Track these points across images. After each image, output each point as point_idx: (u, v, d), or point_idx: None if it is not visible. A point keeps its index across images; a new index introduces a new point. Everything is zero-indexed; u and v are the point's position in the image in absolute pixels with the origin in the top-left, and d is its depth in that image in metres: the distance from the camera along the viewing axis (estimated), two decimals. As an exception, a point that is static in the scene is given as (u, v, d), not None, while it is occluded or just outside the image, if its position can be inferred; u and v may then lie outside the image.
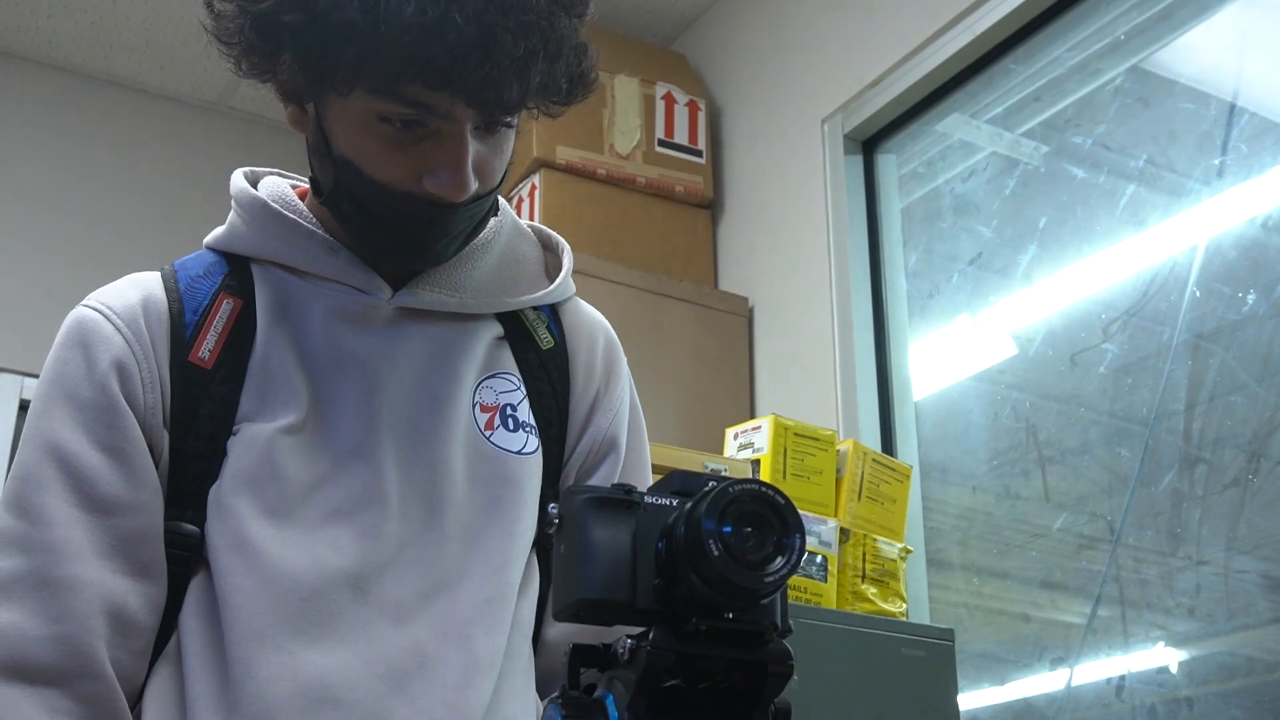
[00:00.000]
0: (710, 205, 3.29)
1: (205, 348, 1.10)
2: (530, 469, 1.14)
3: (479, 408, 1.13)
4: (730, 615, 0.75)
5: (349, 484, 1.07)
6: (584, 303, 1.26)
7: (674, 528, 0.75)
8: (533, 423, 1.16)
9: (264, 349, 1.10)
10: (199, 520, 1.06)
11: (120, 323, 1.09)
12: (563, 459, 1.19)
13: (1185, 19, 2.42)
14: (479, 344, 1.16)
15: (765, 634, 0.76)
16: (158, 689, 1.04)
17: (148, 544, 1.05)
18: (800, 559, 0.73)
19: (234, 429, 1.08)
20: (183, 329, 1.10)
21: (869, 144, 2.98)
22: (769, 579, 0.72)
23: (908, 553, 2.28)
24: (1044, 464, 2.48)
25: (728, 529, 0.72)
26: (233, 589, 1.03)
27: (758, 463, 2.22)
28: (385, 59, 0.97)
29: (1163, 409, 2.25)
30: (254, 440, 1.06)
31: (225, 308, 1.12)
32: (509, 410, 1.15)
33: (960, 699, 2.08)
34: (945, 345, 2.77)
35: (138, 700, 1.04)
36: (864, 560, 2.18)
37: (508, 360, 1.18)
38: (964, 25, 2.64)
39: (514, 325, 1.19)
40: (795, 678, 0.77)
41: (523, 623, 1.12)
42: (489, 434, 1.13)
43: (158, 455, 1.07)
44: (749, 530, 0.73)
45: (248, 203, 1.16)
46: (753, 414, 2.98)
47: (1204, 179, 2.31)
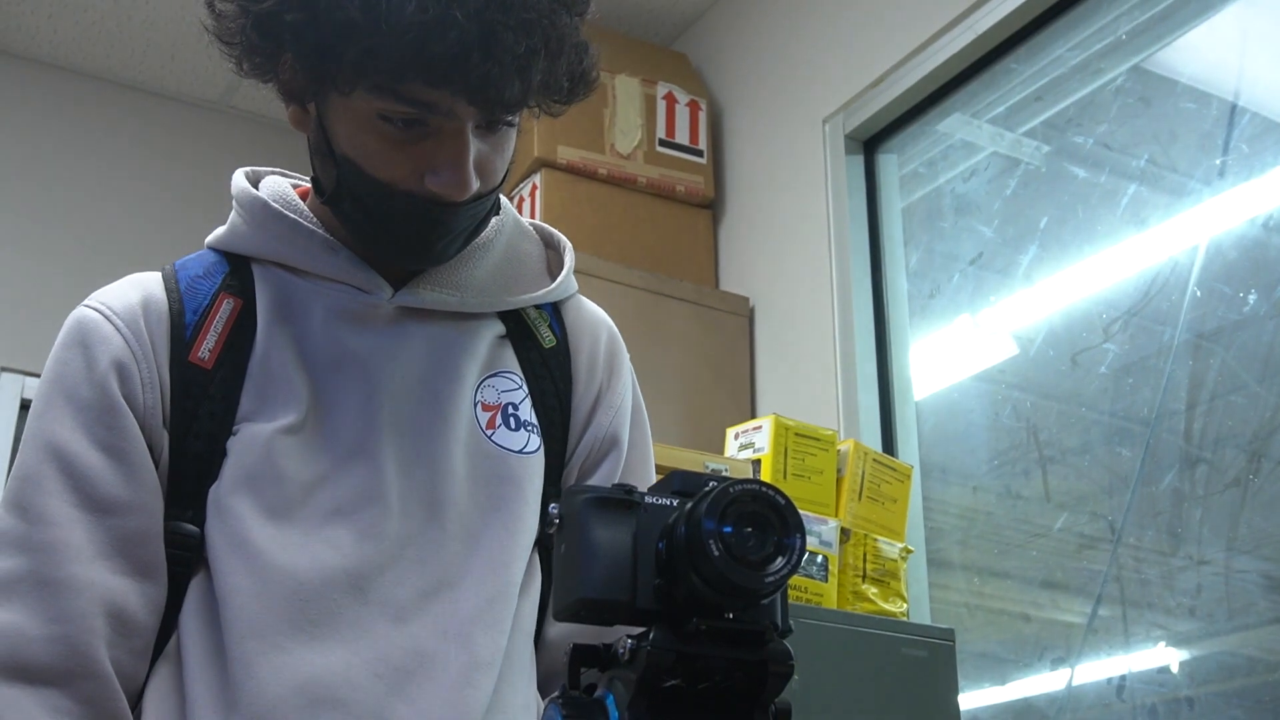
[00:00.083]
0: (711, 205, 3.28)
1: (205, 348, 1.10)
2: (532, 468, 1.13)
3: (480, 406, 1.13)
4: (730, 615, 0.75)
5: (349, 483, 1.07)
6: (586, 300, 1.26)
7: (674, 528, 0.75)
8: (535, 422, 1.15)
9: (264, 349, 1.10)
10: (199, 520, 1.06)
11: (120, 323, 1.09)
12: (565, 458, 1.19)
13: (1186, 19, 2.42)
14: (481, 343, 1.16)
15: (765, 634, 0.76)
16: (158, 689, 1.04)
17: (147, 544, 1.05)
18: (801, 559, 0.73)
19: (234, 429, 1.08)
20: (183, 329, 1.10)
21: (870, 144, 2.98)
22: (769, 579, 0.72)
23: (908, 553, 2.28)
24: (1045, 464, 2.47)
25: (728, 529, 0.72)
26: (233, 589, 1.03)
27: (758, 463, 2.21)
28: (386, 57, 0.97)
29: (1163, 409, 2.25)
30: (254, 440, 1.06)
31: (225, 307, 1.12)
32: (511, 409, 1.15)
33: (961, 699, 2.08)
34: (946, 345, 2.77)
35: (138, 700, 1.04)
36: (865, 560, 2.18)
37: (510, 359, 1.17)
38: (965, 25, 2.64)
39: (516, 324, 1.19)
40: (796, 678, 0.77)
41: (524, 622, 1.12)
42: (490, 433, 1.12)
43: (157, 455, 1.07)
44: (749, 530, 0.73)
45: (248, 202, 1.16)
46: (753, 414, 2.98)
47: (1205, 179, 2.31)
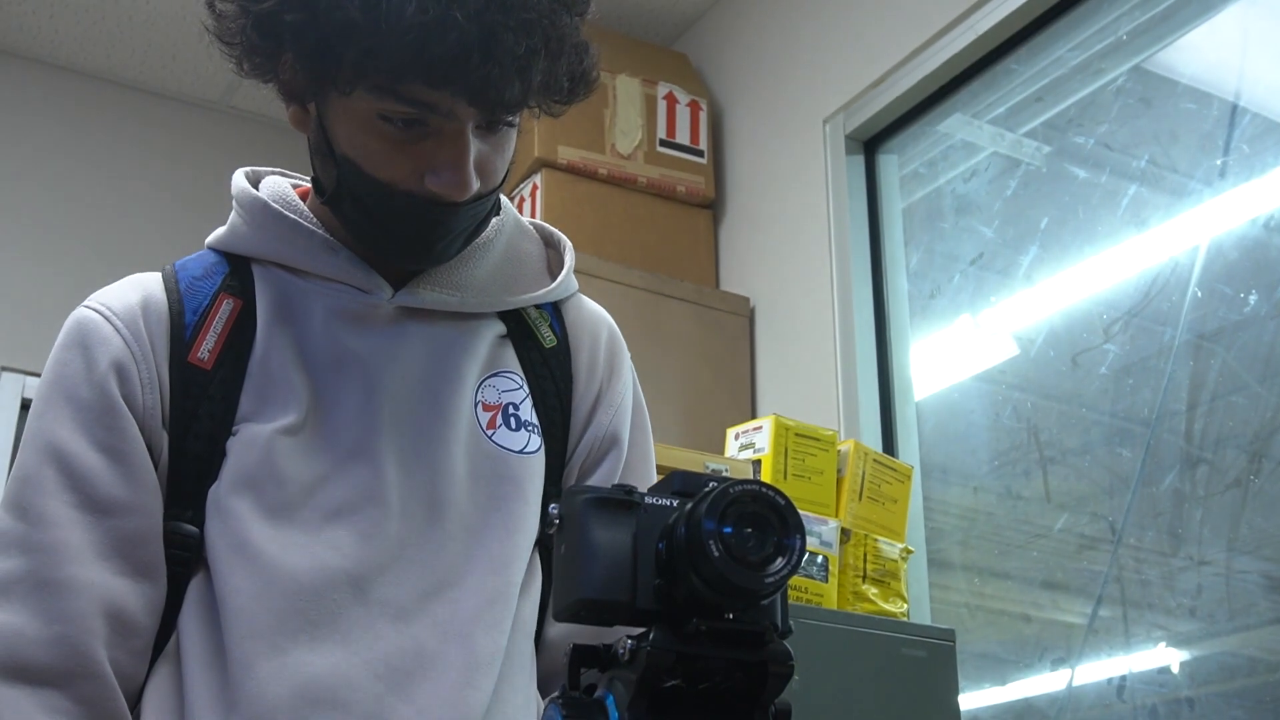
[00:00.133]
0: (711, 205, 3.28)
1: (205, 348, 1.10)
2: (532, 468, 1.13)
3: (481, 406, 1.13)
4: (730, 616, 0.75)
5: (349, 484, 1.07)
6: (586, 299, 1.26)
7: (674, 528, 0.75)
8: (535, 422, 1.15)
9: (264, 349, 1.10)
10: (198, 521, 1.06)
11: (120, 323, 1.09)
12: (565, 458, 1.18)
13: (1187, 19, 2.42)
14: (481, 343, 1.16)
15: (765, 634, 0.76)
16: (157, 689, 1.04)
17: (147, 545, 1.05)
18: (801, 560, 0.73)
19: (233, 429, 1.08)
20: (182, 329, 1.10)
21: (870, 144, 2.98)
22: (769, 579, 0.72)
23: (909, 553, 2.28)
24: (1045, 464, 2.47)
25: (728, 529, 0.72)
26: (233, 590, 1.02)
27: (759, 463, 2.21)
28: (387, 58, 0.97)
29: (1164, 409, 2.25)
30: (253, 441, 1.06)
31: (225, 308, 1.12)
32: (511, 409, 1.14)
33: (961, 699, 2.08)
34: (946, 345, 2.77)
35: (137, 700, 1.04)
36: (865, 560, 2.18)
37: (510, 359, 1.17)
38: (966, 25, 2.64)
39: (517, 323, 1.19)
40: (796, 678, 0.77)
41: (524, 622, 1.12)
42: (491, 433, 1.12)
43: (157, 456, 1.07)
44: (749, 531, 0.73)
45: (248, 203, 1.16)
46: (754, 414, 2.98)
47: (1206, 179, 2.31)
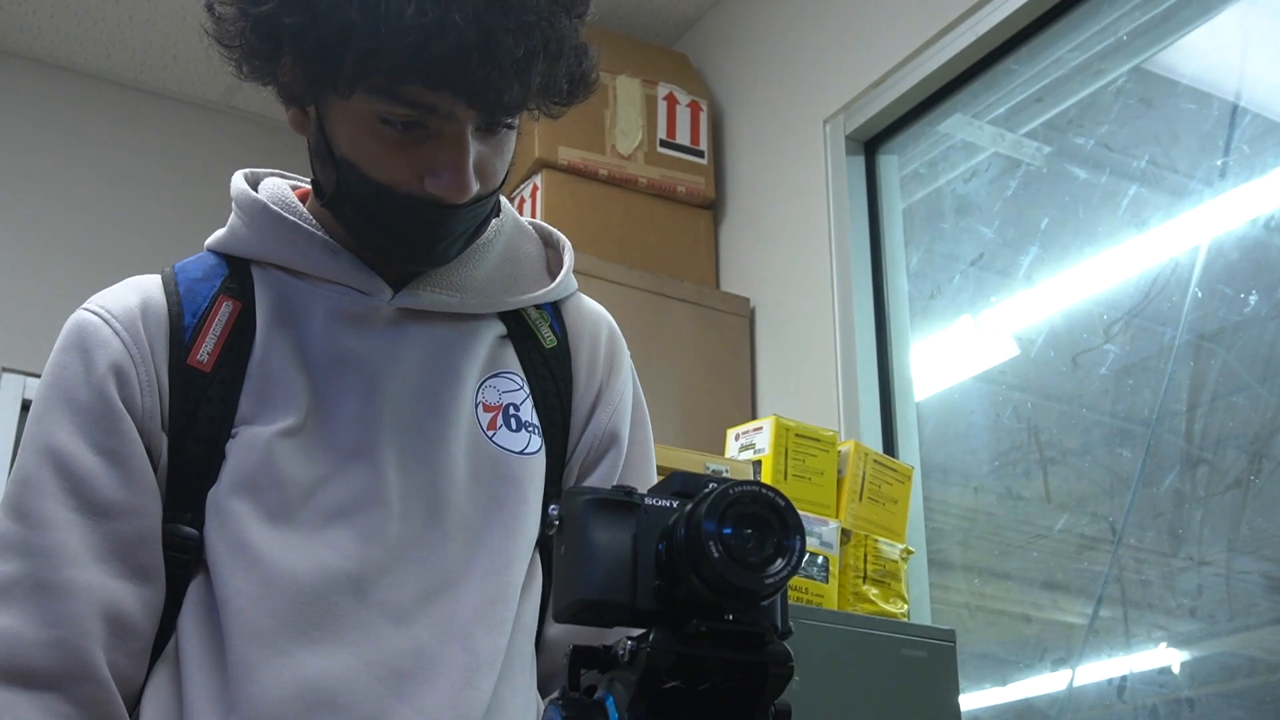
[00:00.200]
0: (712, 206, 3.28)
1: (204, 350, 1.10)
2: (533, 469, 1.13)
3: (482, 407, 1.13)
4: (730, 617, 0.75)
5: (350, 485, 1.07)
6: (585, 298, 1.26)
7: (674, 529, 0.75)
8: (536, 422, 1.15)
9: (263, 351, 1.10)
10: (198, 523, 1.06)
11: (119, 326, 1.09)
12: (565, 458, 1.18)
13: (1188, 19, 2.42)
14: (481, 343, 1.16)
15: (765, 635, 0.76)
16: (156, 691, 1.04)
17: (146, 547, 1.05)
18: (800, 560, 0.73)
19: (233, 432, 1.07)
20: (182, 332, 1.10)
21: (871, 144, 2.98)
22: (769, 580, 0.72)
23: (909, 553, 2.28)
24: (1045, 465, 2.47)
25: (728, 530, 0.72)
26: (233, 592, 1.02)
27: (759, 463, 2.21)
28: (386, 60, 0.97)
29: (1164, 410, 2.25)
30: (253, 443, 1.06)
31: (224, 310, 1.12)
32: (512, 410, 1.14)
33: (962, 700, 2.08)
34: (947, 346, 2.77)
35: (136, 703, 1.04)
36: (865, 561, 2.18)
37: (511, 359, 1.17)
38: (966, 26, 2.64)
39: (517, 324, 1.19)
40: (796, 679, 0.76)
41: (525, 623, 1.12)
42: (491, 434, 1.12)
43: (156, 458, 1.07)
44: (749, 532, 0.73)
45: (248, 205, 1.16)
46: (754, 415, 2.98)
47: (1206, 180, 2.31)
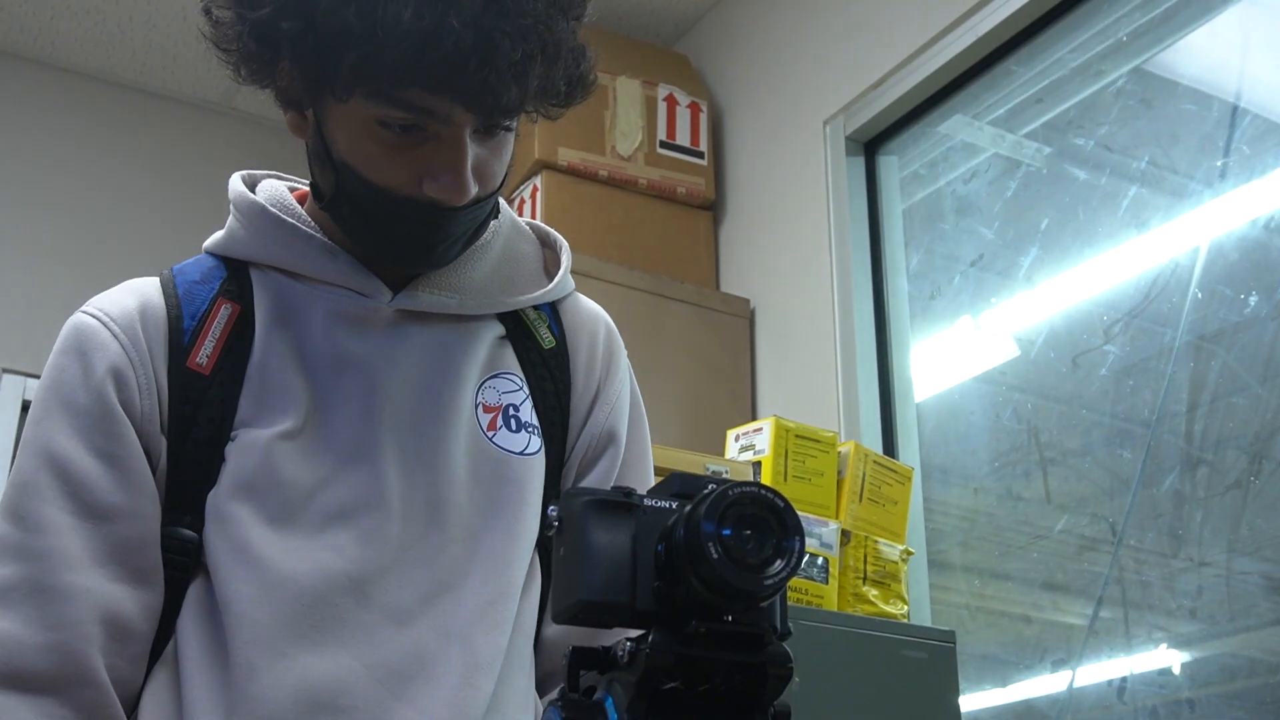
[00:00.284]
0: (712, 207, 3.29)
1: (203, 353, 1.09)
2: (533, 470, 1.13)
3: (481, 408, 1.13)
4: (730, 618, 0.75)
5: (350, 487, 1.07)
6: (583, 297, 1.26)
7: (673, 530, 0.75)
8: (535, 423, 1.15)
9: (262, 354, 1.10)
10: (197, 526, 1.06)
11: (117, 329, 1.09)
12: (564, 458, 1.19)
13: (1188, 20, 2.42)
14: (481, 344, 1.16)
15: (765, 636, 0.76)
16: (154, 694, 1.04)
17: (145, 550, 1.05)
18: (800, 562, 0.73)
19: (232, 434, 1.07)
20: (180, 335, 1.10)
21: (871, 145, 2.98)
22: (768, 582, 0.72)
23: (909, 554, 2.28)
24: (1045, 465, 2.47)
25: (727, 531, 0.72)
26: (235, 595, 1.02)
27: (759, 464, 2.21)
28: (383, 64, 0.96)
29: (1164, 411, 2.25)
30: (252, 446, 1.06)
31: (223, 313, 1.11)
32: (511, 410, 1.15)
33: (962, 701, 2.08)
34: (947, 347, 2.77)
35: (134, 705, 1.04)
36: (865, 562, 2.18)
37: (510, 360, 1.17)
38: (966, 27, 2.64)
39: (515, 325, 1.19)
40: (796, 680, 0.77)
41: (524, 624, 1.12)
42: (491, 435, 1.12)
43: (155, 461, 1.07)
44: (748, 533, 0.73)
45: (246, 207, 1.16)
46: (754, 415, 2.98)
47: (1206, 180, 2.31)
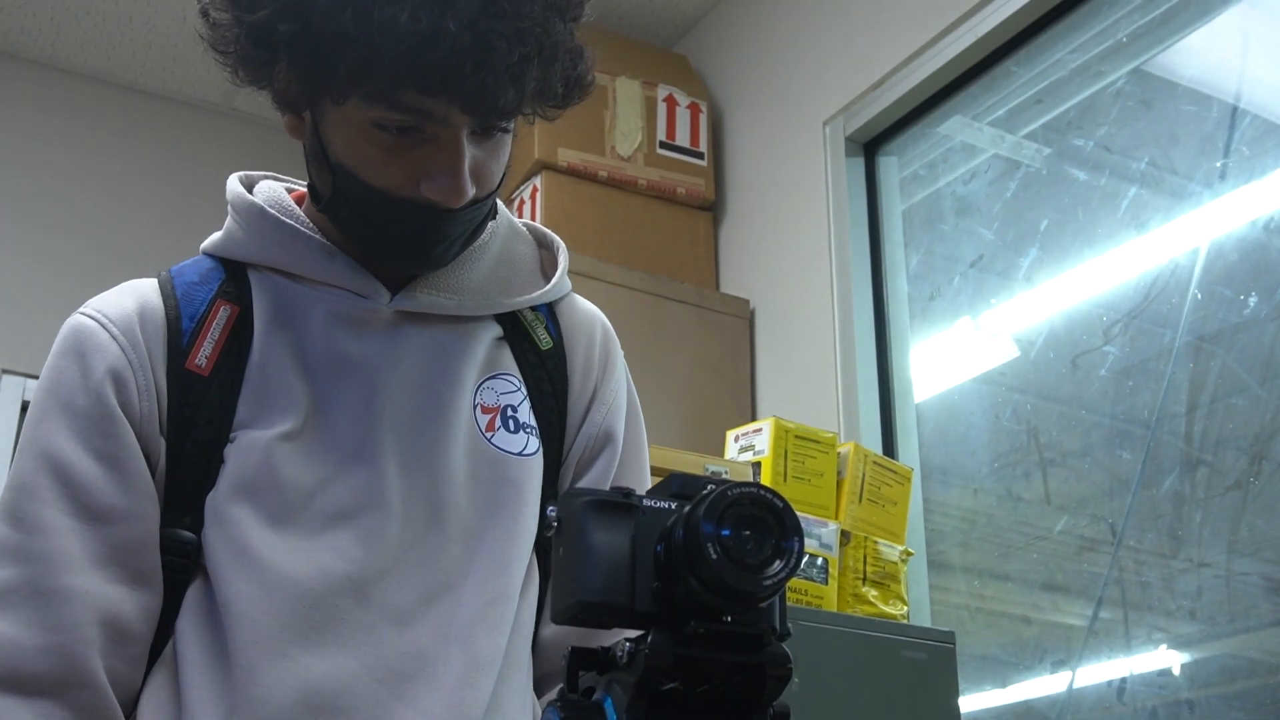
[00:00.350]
0: (712, 207, 3.29)
1: (202, 354, 1.09)
2: (531, 470, 1.14)
3: (480, 409, 1.13)
4: (729, 618, 0.75)
5: (350, 487, 1.07)
6: (580, 298, 1.26)
7: (672, 531, 0.75)
8: (533, 424, 1.15)
9: (261, 355, 1.10)
10: (196, 527, 1.06)
11: (116, 330, 1.09)
12: (562, 459, 1.19)
13: (1187, 21, 2.42)
14: (479, 345, 1.16)
15: (764, 637, 0.76)
16: (153, 695, 1.04)
17: (144, 552, 1.05)
18: (799, 562, 0.73)
19: (231, 436, 1.07)
20: (179, 336, 1.09)
21: (870, 146, 2.98)
22: (767, 582, 0.72)
23: (909, 555, 2.28)
24: (1045, 466, 2.47)
25: (726, 532, 0.72)
26: (236, 596, 1.02)
27: (758, 465, 2.21)
28: (380, 67, 0.97)
29: (1164, 411, 2.25)
30: (252, 447, 1.06)
31: (222, 314, 1.11)
32: (510, 411, 1.15)
33: (961, 701, 2.08)
34: (946, 347, 2.77)
35: (133, 707, 1.04)
36: (865, 563, 2.18)
37: (508, 361, 1.17)
38: (966, 27, 2.64)
39: (513, 326, 1.19)
40: (795, 681, 0.76)
41: (522, 624, 1.12)
42: (490, 435, 1.13)
43: (154, 463, 1.07)
44: (747, 533, 0.73)
45: (244, 208, 1.16)
46: (754, 416, 2.98)
47: (1206, 181, 2.31)
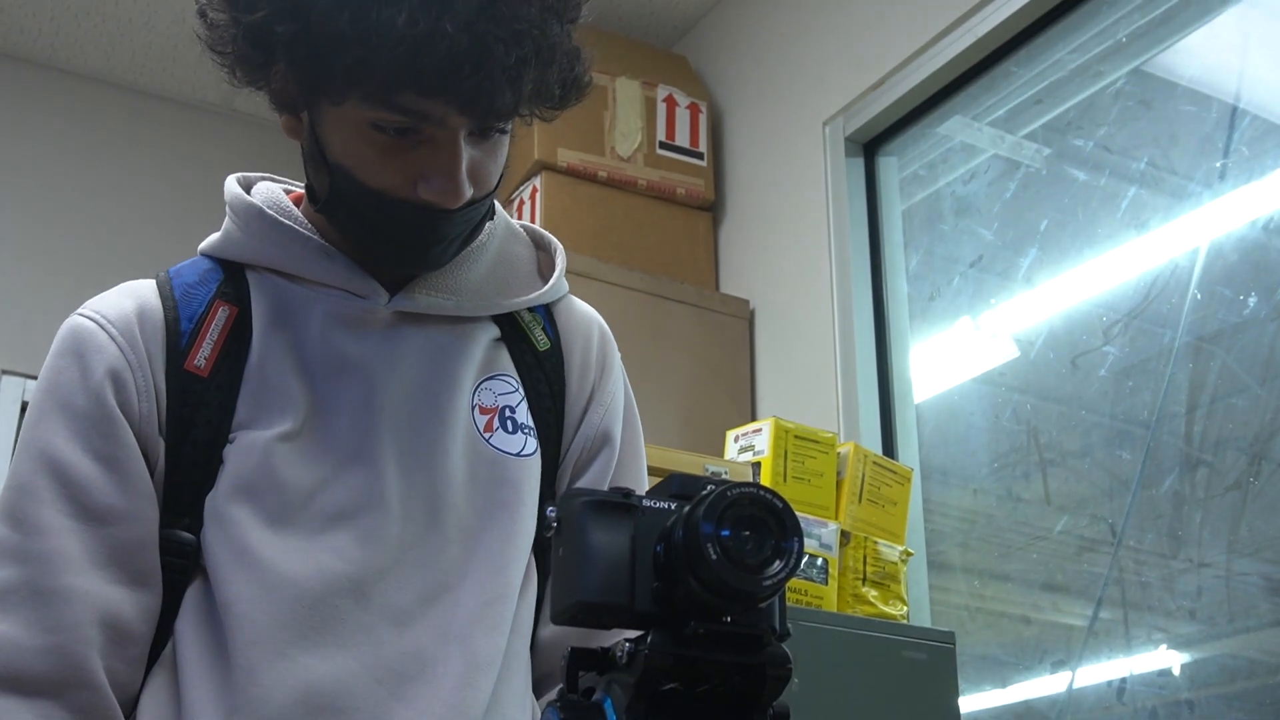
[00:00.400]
0: (711, 208, 3.29)
1: (201, 355, 1.09)
2: (529, 471, 1.14)
3: (478, 410, 1.13)
4: (728, 619, 0.75)
5: (349, 488, 1.07)
6: (576, 300, 1.26)
7: (672, 531, 0.75)
8: (531, 424, 1.16)
9: (260, 356, 1.10)
10: (195, 528, 1.06)
11: (115, 331, 1.09)
12: (560, 459, 1.19)
13: (1187, 21, 2.42)
14: (476, 346, 1.16)
15: (764, 637, 0.76)
16: (153, 696, 1.04)
17: (143, 552, 1.05)
18: (798, 562, 0.73)
19: (230, 437, 1.07)
20: (178, 337, 1.10)
21: (870, 146, 2.98)
22: (767, 582, 0.72)
23: (908, 555, 2.28)
24: (1045, 466, 2.47)
25: (726, 532, 0.72)
26: (235, 597, 1.02)
27: (758, 465, 2.21)
28: (377, 68, 0.97)
29: (1164, 411, 2.25)
30: (251, 448, 1.06)
31: (221, 315, 1.11)
32: (508, 412, 1.15)
33: (961, 702, 2.08)
34: (946, 347, 2.77)
35: (133, 708, 1.04)
36: (865, 563, 2.18)
37: (505, 361, 1.18)
38: (965, 28, 2.64)
39: (510, 326, 1.19)
40: (795, 681, 0.77)
41: (521, 623, 1.12)
42: (488, 436, 1.13)
43: (153, 463, 1.07)
44: (747, 534, 0.73)
45: (242, 209, 1.16)
46: (753, 416, 2.98)
47: (1205, 181, 2.31)
